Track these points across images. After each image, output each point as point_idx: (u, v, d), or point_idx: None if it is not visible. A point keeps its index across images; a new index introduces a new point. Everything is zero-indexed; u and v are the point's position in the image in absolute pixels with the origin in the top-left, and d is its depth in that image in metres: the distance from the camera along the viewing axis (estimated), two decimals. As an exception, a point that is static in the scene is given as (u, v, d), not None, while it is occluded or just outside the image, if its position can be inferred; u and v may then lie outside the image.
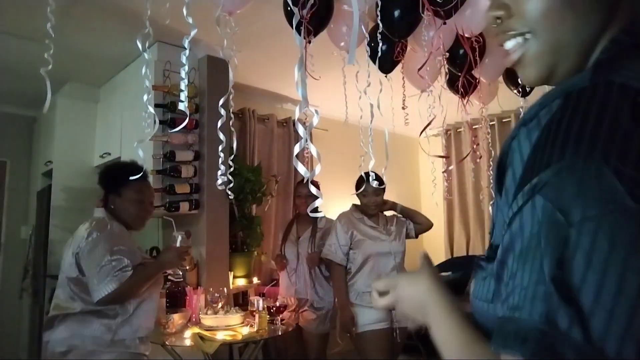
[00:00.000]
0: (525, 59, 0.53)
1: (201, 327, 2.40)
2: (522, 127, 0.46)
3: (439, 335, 0.56)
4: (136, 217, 1.92)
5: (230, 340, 2.30)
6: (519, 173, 0.44)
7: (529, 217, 0.41)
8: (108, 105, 3.54)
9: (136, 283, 1.75)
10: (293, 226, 3.10)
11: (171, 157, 2.79)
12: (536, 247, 0.40)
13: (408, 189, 4.80)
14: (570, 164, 0.39)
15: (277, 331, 2.46)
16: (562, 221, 0.38)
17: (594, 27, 0.49)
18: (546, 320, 0.37)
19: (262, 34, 2.81)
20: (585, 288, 0.36)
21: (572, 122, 0.40)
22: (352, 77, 1.86)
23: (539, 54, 0.51)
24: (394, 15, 1.99)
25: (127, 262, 1.73)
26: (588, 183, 0.38)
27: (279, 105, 4.11)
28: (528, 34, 0.51)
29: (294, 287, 2.93)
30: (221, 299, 2.53)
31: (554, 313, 0.37)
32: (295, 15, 1.54)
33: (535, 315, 0.38)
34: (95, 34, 2.82)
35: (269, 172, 3.72)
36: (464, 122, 4.55)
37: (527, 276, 0.40)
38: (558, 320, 0.37)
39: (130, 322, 1.78)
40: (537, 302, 0.38)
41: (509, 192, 0.46)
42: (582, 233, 0.37)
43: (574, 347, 0.36)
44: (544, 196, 0.40)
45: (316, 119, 1.15)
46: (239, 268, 3.12)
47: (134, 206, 1.91)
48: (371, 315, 2.57)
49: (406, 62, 2.36)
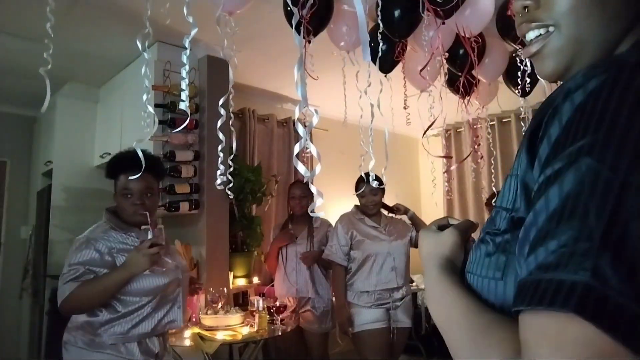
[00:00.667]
0: (545, 51, 0.53)
1: (201, 327, 2.40)
2: (567, 97, 0.43)
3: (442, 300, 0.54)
4: (126, 212, 1.81)
5: (230, 340, 2.30)
6: (555, 138, 0.42)
7: (572, 178, 0.38)
8: (108, 105, 3.54)
9: (90, 291, 1.63)
10: (288, 227, 3.10)
11: (171, 157, 2.79)
12: (578, 205, 0.36)
13: (408, 189, 4.80)
14: (610, 131, 0.37)
15: (277, 331, 2.46)
16: (610, 178, 0.36)
17: (619, 27, 0.48)
18: (593, 275, 0.34)
19: (262, 34, 2.81)
20: (634, 245, 0.34)
21: (615, 92, 0.39)
22: (352, 77, 1.86)
23: (559, 48, 0.51)
24: (394, 15, 1.99)
25: (82, 270, 1.64)
26: (631, 145, 0.37)
27: (279, 105, 4.11)
28: (552, 27, 0.51)
29: (294, 286, 2.93)
30: (221, 299, 2.54)
31: (602, 269, 0.34)
32: (295, 15, 1.54)
33: (580, 272, 0.34)
34: (95, 34, 2.82)
35: (269, 172, 3.72)
36: (464, 122, 4.55)
37: (567, 234, 0.36)
38: (607, 276, 0.33)
39: (120, 325, 1.70)
40: (581, 258, 0.35)
41: (541, 159, 0.43)
42: (630, 189, 0.35)
43: (628, 304, 0.33)
44: (591, 157, 0.37)
45: (316, 118, 1.15)
46: (239, 268, 3.12)
47: (122, 200, 1.80)
48: (369, 315, 2.57)
49: (406, 62, 2.36)
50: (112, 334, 1.69)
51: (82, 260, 1.67)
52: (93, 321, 1.70)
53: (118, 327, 1.70)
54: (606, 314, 0.33)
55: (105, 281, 1.66)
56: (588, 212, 0.36)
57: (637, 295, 0.33)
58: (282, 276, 3.00)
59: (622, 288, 0.33)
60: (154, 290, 1.75)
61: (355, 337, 2.62)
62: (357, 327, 2.60)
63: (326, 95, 3.01)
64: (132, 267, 1.67)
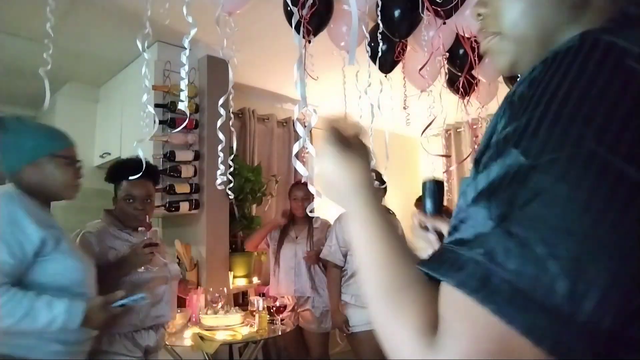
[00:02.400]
0: (493, 49, 0.57)
1: (201, 327, 2.40)
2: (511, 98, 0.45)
3: (360, 232, 0.53)
4: (128, 216, 1.92)
5: (230, 340, 2.30)
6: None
7: (496, 167, 0.39)
8: (108, 105, 3.54)
9: None
10: (288, 228, 3.10)
11: (171, 157, 2.79)
12: (494, 188, 0.39)
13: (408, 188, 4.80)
14: (541, 115, 0.38)
15: (277, 331, 2.46)
16: (524, 163, 0.37)
17: (556, 22, 0.51)
18: (485, 253, 0.37)
19: (262, 33, 2.81)
20: (528, 223, 0.35)
21: (553, 76, 0.40)
22: (352, 77, 1.86)
23: (503, 47, 0.55)
24: (394, 15, 1.99)
25: None
26: (554, 130, 0.37)
27: (278, 105, 4.11)
28: (499, 35, 0.56)
29: (293, 286, 2.93)
30: (221, 299, 2.54)
31: (493, 247, 0.36)
32: (295, 15, 1.54)
33: (477, 249, 0.37)
34: (95, 34, 2.82)
35: (269, 172, 3.72)
36: (463, 122, 4.55)
37: (480, 213, 0.39)
38: (496, 254, 0.36)
39: None
40: (482, 237, 0.37)
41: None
42: (542, 173, 0.36)
43: (506, 278, 0.35)
44: (513, 144, 0.39)
45: (315, 117, 1.15)
46: (239, 268, 3.11)
47: (125, 205, 1.91)
48: (366, 315, 2.57)
49: (406, 62, 2.37)
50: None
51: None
52: None
53: None
54: (487, 288, 0.35)
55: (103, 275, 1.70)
56: (499, 194, 0.38)
57: (519, 269, 0.35)
58: (279, 275, 3.00)
59: (506, 264, 0.35)
60: (139, 283, 1.82)
61: (352, 338, 2.62)
62: (354, 327, 2.60)
63: (326, 95, 3.01)
64: (128, 265, 1.79)
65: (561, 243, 0.34)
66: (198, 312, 2.54)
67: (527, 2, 0.51)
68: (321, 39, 2.07)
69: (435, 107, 2.29)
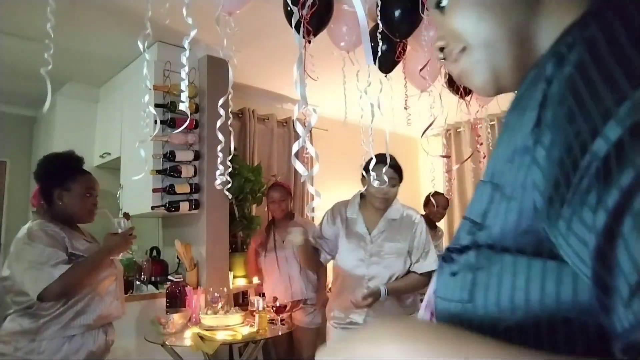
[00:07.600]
0: (467, 69, 0.53)
1: (201, 327, 2.40)
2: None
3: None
4: (85, 211, 1.86)
5: (230, 340, 2.30)
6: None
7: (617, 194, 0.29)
8: (108, 105, 3.54)
9: (82, 272, 1.70)
10: (271, 234, 3.07)
11: (171, 157, 2.79)
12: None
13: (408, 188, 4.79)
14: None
15: (277, 331, 2.46)
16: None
17: (517, 15, 0.48)
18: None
19: (262, 33, 2.81)
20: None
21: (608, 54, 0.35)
22: (352, 77, 1.86)
23: (474, 58, 0.51)
24: (394, 15, 1.99)
25: (63, 255, 1.69)
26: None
27: (278, 105, 4.11)
28: (464, 50, 0.52)
29: (290, 290, 2.94)
30: (221, 299, 2.54)
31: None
32: (295, 14, 1.54)
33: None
34: (95, 34, 2.82)
35: (269, 172, 3.72)
36: (463, 122, 4.55)
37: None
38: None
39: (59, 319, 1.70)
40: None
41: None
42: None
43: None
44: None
45: (315, 117, 1.15)
46: (239, 268, 3.12)
47: (84, 200, 1.85)
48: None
49: (406, 62, 2.37)
50: (53, 330, 1.68)
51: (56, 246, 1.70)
52: (30, 328, 1.67)
53: (57, 324, 1.69)
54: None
55: (94, 259, 1.77)
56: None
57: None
58: (273, 281, 3.00)
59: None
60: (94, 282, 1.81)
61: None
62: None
63: (326, 95, 3.01)
64: (113, 248, 1.85)
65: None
66: (198, 312, 2.54)
67: (479, 6, 0.49)
68: (321, 39, 2.07)
69: (435, 107, 2.29)
